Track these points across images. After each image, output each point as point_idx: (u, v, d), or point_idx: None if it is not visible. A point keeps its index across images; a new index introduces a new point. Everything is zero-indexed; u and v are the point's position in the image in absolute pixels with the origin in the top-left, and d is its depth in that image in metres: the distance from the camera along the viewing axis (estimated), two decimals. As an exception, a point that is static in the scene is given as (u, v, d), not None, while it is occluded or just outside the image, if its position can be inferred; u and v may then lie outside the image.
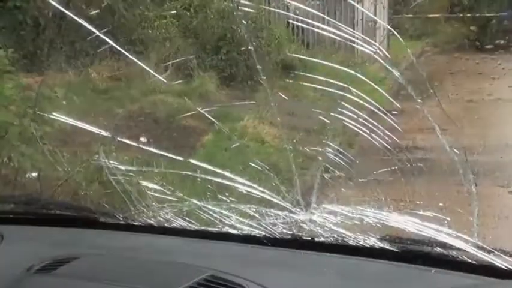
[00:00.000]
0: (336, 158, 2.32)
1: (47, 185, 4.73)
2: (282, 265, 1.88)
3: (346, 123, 2.29)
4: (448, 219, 2.11)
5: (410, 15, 14.00)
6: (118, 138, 2.51)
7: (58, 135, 5.63)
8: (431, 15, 14.13)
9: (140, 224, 2.19)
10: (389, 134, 2.48)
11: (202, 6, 10.52)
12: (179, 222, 2.18)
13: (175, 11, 10.09)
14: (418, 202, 2.19)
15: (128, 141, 2.60)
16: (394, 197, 2.25)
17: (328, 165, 2.37)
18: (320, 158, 2.32)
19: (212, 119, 4.26)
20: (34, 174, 5.25)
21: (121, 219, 2.21)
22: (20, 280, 1.76)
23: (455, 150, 2.13)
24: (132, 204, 2.24)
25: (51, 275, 1.76)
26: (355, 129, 2.36)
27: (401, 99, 2.74)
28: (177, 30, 10.13)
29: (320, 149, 2.35)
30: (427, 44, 12.89)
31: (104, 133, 2.36)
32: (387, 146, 2.49)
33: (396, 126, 2.48)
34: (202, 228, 2.17)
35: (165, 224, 2.19)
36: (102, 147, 2.33)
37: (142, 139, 7.19)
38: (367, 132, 2.35)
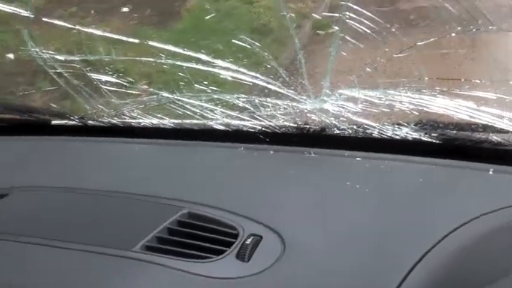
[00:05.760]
0: (359, 25, 1.69)
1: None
2: (285, 172, 1.43)
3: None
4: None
5: None
6: (44, 19, 1.90)
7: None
8: None
9: (101, 124, 1.73)
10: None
11: None
12: (150, 120, 1.70)
13: None
14: (477, 81, 1.57)
15: (56, 22, 1.95)
16: (444, 76, 1.62)
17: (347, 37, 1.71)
18: (336, 28, 1.68)
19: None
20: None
21: (77, 120, 1.75)
22: None
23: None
24: (86, 102, 1.75)
25: None
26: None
27: None
28: None
29: (336, 14, 1.68)
30: None
31: (24, 13, 1.77)
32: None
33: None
34: (179, 123, 1.69)
35: (132, 124, 1.72)
36: (27, 31, 1.76)
37: (125, 9, 6.61)
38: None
